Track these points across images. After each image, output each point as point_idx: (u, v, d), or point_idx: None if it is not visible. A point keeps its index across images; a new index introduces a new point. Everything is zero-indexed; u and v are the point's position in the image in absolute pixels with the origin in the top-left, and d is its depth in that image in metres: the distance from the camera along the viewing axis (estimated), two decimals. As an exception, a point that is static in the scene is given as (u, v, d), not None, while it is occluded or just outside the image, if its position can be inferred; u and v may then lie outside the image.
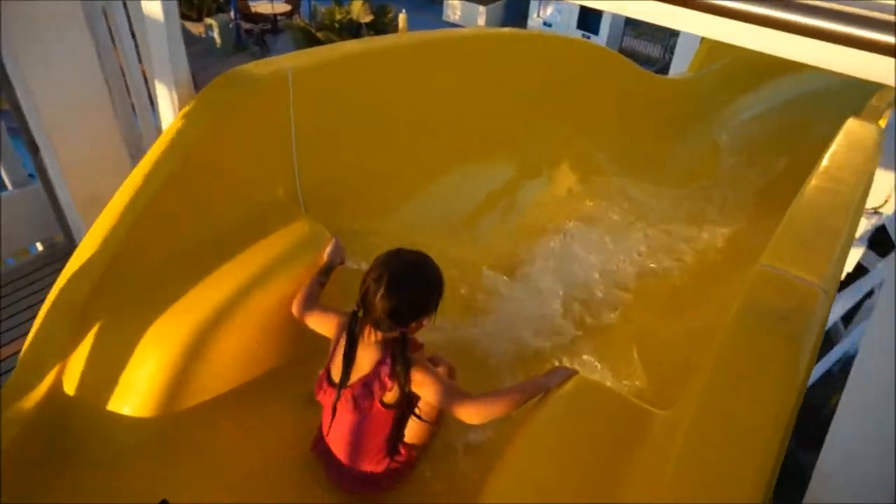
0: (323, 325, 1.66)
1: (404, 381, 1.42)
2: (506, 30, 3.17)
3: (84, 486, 1.47)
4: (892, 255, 4.19)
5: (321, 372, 1.58)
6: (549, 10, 17.20)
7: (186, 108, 1.77)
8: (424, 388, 1.43)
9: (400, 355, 1.42)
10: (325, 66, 2.10)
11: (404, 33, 2.71)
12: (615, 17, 16.51)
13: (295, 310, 1.73)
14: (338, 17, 13.70)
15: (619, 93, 3.96)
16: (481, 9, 18.75)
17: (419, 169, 2.62)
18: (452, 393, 1.43)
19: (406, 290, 1.39)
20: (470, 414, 1.41)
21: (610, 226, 3.05)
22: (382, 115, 2.43)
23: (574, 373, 1.43)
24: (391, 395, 1.47)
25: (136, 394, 1.57)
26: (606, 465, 1.22)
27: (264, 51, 14.29)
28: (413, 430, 1.63)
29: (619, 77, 3.92)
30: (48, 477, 1.45)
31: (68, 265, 1.63)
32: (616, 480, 1.18)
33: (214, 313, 1.67)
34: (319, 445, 1.66)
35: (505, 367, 2.09)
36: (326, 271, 1.81)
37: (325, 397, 1.55)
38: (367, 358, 1.47)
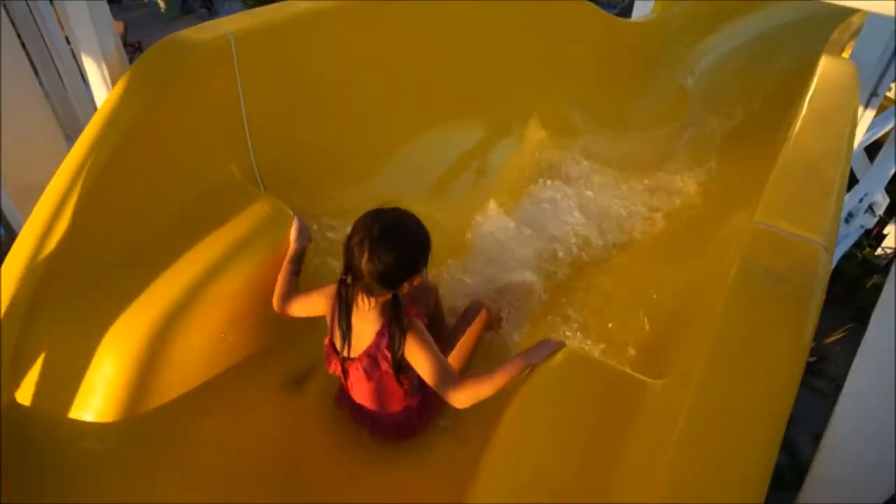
0: (310, 308, 1.60)
1: (397, 348, 1.40)
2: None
3: (50, 501, 1.38)
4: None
5: (326, 344, 1.57)
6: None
7: (120, 83, 1.60)
8: (416, 360, 1.41)
9: (395, 321, 1.39)
10: (273, 28, 1.93)
11: None
12: (572, -41, 16.05)
13: (276, 306, 1.66)
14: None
15: (585, 41, 3.83)
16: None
17: (385, 135, 2.48)
18: (443, 375, 1.39)
19: (392, 251, 1.32)
20: (457, 399, 1.38)
21: (583, 180, 2.98)
22: (343, 80, 2.27)
23: (561, 345, 1.37)
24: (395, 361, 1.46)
25: (97, 397, 1.46)
26: (601, 441, 1.17)
27: (213, 14, 13.57)
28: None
29: (584, 24, 3.78)
30: (9, 495, 1.35)
31: (6, 261, 1.49)
32: (611, 456, 1.14)
33: (175, 304, 1.56)
34: (342, 398, 1.68)
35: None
36: (297, 259, 1.68)
37: (336, 368, 1.55)
38: (367, 327, 1.45)
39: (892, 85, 4.04)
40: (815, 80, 1.82)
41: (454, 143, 2.78)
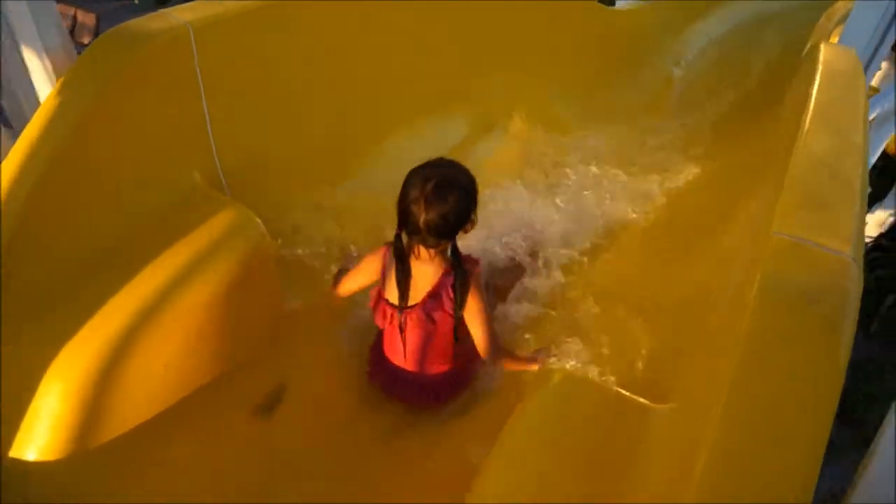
0: (362, 277, 1.66)
1: (464, 290, 1.49)
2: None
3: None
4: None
5: (374, 297, 1.61)
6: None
7: (63, 79, 1.44)
8: (471, 309, 1.52)
9: (458, 266, 1.50)
10: (238, 16, 1.77)
11: None
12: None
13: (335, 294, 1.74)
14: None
15: (570, 30, 3.71)
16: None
17: (362, 132, 2.33)
18: (490, 325, 1.55)
19: (448, 204, 1.39)
20: (492, 351, 1.57)
21: (572, 174, 2.85)
22: (316, 73, 2.10)
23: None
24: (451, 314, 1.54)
25: (42, 430, 1.31)
26: (603, 471, 1.07)
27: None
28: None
29: (570, 13, 3.66)
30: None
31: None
32: (615, 489, 1.03)
33: (132, 322, 1.41)
34: (377, 375, 1.73)
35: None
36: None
37: (387, 320, 1.59)
38: (428, 274, 1.51)
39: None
40: (818, 69, 1.69)
41: (437, 138, 2.63)
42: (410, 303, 1.53)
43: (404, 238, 1.49)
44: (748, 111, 4.11)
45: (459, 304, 1.50)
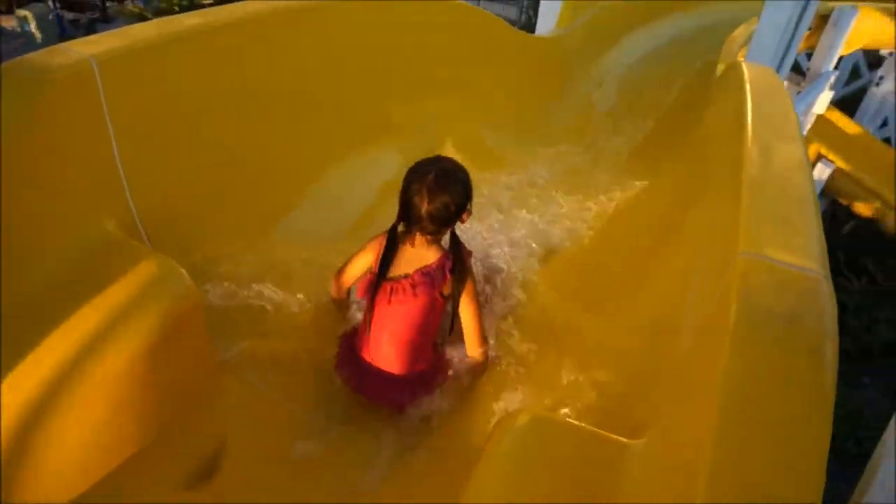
0: (362, 262, 1.69)
1: (461, 271, 1.60)
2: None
3: None
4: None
5: (368, 277, 1.64)
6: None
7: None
8: (465, 303, 1.62)
9: (457, 251, 1.61)
10: (148, 49, 1.63)
11: (253, 3, 2.13)
12: (469, -21, 16.37)
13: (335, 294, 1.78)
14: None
15: (497, 58, 3.73)
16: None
17: (293, 168, 2.20)
18: (478, 331, 1.65)
19: (448, 194, 1.51)
20: (472, 350, 1.68)
21: (508, 202, 2.81)
22: (236, 107, 1.98)
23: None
24: (448, 288, 1.60)
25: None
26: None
27: (97, 42, 12.64)
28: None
29: (494, 41, 3.69)
30: None
31: None
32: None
33: (42, 393, 1.24)
34: (348, 365, 1.68)
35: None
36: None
37: (372, 293, 1.61)
38: (423, 256, 1.59)
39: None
40: (745, 87, 1.73)
41: (369, 173, 2.54)
42: (398, 273, 1.59)
43: (401, 227, 1.59)
44: (671, 130, 4.26)
45: (458, 282, 1.59)
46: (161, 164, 1.70)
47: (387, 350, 1.61)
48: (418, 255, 1.59)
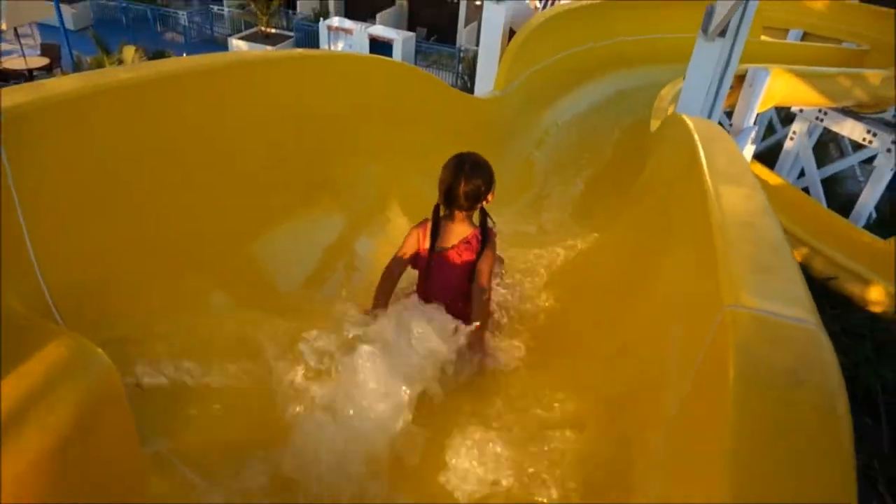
0: (409, 249, 2.08)
1: (480, 249, 2.04)
2: (308, 51, 2.73)
3: None
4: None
5: (418, 252, 2.07)
6: (340, 44, 17.12)
7: None
8: (482, 265, 2.04)
9: (485, 224, 2.08)
10: (65, 104, 1.47)
11: (185, 58, 2.06)
12: (406, 47, 16.91)
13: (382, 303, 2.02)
14: (107, 66, 12.10)
15: (440, 118, 3.74)
16: (268, 48, 18.14)
17: (227, 235, 2.03)
18: (486, 277, 2.04)
19: (479, 177, 1.98)
20: (478, 285, 2.03)
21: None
22: (166, 170, 1.82)
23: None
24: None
25: None
26: None
27: None
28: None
29: (439, 101, 3.70)
30: None
31: None
32: None
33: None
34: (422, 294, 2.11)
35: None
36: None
37: (424, 264, 2.07)
38: (462, 230, 2.05)
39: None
40: (694, 136, 1.73)
41: (310, 237, 2.40)
42: (446, 245, 2.05)
43: (443, 210, 2.05)
44: (613, 182, 4.33)
45: (483, 246, 2.04)
46: (78, 232, 1.52)
47: (441, 299, 2.00)
48: (458, 230, 2.05)
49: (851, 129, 9.05)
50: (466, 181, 1.94)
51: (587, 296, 2.25)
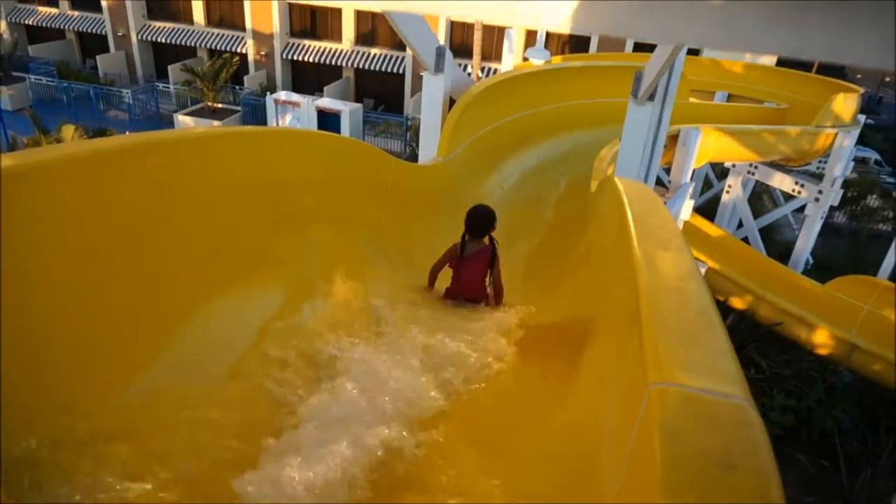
0: (443, 264, 3.41)
1: (496, 254, 3.35)
2: (252, 128, 2.68)
3: None
4: None
5: (453, 257, 3.34)
6: (288, 117, 17.32)
7: None
8: (495, 273, 3.35)
9: (493, 247, 3.36)
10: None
11: (125, 136, 2.04)
12: (354, 118, 17.23)
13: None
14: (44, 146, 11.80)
15: (383, 186, 3.74)
16: (216, 123, 18.22)
17: (156, 314, 1.89)
18: (499, 284, 3.37)
19: (487, 216, 3.37)
20: (494, 289, 3.39)
21: (399, 337, 2.56)
22: (92, 245, 1.69)
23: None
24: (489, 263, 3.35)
25: None
26: None
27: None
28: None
29: (381, 170, 3.71)
30: None
31: None
32: None
33: None
34: (451, 297, 3.38)
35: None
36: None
37: (456, 265, 3.35)
38: (477, 246, 3.35)
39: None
40: (624, 199, 1.74)
41: (249, 314, 2.29)
42: (468, 254, 3.30)
43: (467, 237, 3.32)
44: (558, 246, 4.36)
45: (492, 261, 3.32)
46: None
47: (467, 289, 3.34)
48: (475, 246, 3.33)
49: (781, 181, 9.74)
50: (475, 221, 3.32)
51: (527, 373, 2.19)
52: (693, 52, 13.66)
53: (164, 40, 24.37)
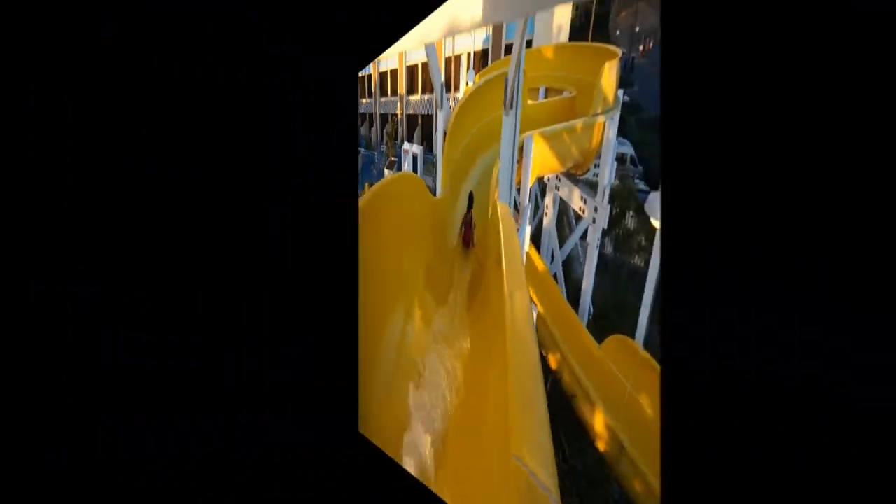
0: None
1: (472, 219, 5.09)
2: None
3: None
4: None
5: (464, 228, 5.14)
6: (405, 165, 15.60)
7: None
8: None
9: (469, 216, 5.08)
10: None
11: (384, 179, 2.75)
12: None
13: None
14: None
15: (422, 216, 4.03)
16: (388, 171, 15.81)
17: (382, 306, 2.12)
18: (473, 233, 5.16)
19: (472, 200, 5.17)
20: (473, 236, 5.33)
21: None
22: (383, 239, 2.04)
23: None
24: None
25: None
26: None
27: None
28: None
29: (422, 202, 3.97)
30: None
31: None
32: None
33: None
34: (465, 241, 5.12)
35: None
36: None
37: (466, 229, 5.12)
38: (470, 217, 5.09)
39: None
40: (500, 226, 1.91)
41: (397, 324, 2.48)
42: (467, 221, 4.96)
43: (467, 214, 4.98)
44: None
45: (471, 224, 5.07)
46: None
47: (466, 237, 4.95)
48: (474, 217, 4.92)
49: (570, 197, 6.46)
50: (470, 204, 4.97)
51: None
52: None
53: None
